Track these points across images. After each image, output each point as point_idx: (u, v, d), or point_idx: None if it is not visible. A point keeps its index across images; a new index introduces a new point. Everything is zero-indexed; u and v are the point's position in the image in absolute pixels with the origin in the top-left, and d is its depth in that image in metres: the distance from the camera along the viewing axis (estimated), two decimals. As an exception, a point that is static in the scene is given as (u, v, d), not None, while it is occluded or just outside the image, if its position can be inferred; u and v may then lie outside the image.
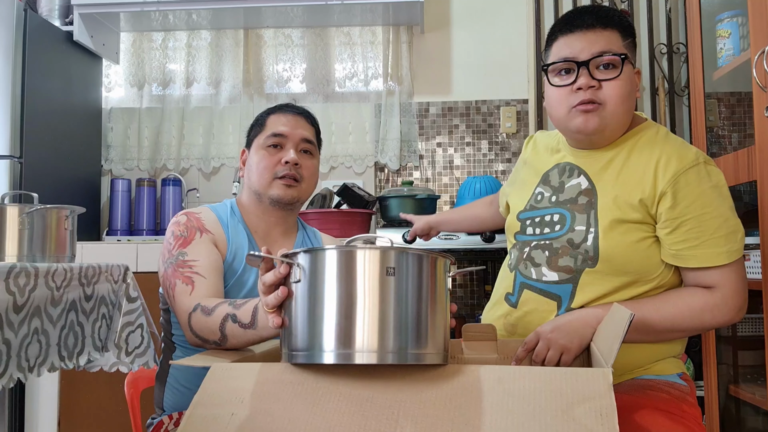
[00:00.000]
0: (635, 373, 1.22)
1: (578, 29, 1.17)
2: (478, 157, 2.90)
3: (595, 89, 1.16)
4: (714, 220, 1.14)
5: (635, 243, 1.17)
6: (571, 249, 1.21)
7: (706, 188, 1.14)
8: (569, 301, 1.21)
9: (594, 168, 1.25)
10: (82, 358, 1.07)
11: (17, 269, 0.88)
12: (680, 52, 2.78)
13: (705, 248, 1.13)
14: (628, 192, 1.18)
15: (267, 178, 1.36)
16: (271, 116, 1.41)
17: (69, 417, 2.28)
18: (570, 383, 0.78)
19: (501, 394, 0.78)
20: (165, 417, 1.31)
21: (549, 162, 1.35)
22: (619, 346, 0.84)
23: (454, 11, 2.94)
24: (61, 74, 2.65)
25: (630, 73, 1.19)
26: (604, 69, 1.16)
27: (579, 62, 1.16)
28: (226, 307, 1.10)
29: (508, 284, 1.32)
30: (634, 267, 1.18)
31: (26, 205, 1.19)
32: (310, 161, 1.41)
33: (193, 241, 1.27)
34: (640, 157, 1.20)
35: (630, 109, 1.21)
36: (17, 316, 0.88)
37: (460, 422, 0.76)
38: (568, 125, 1.21)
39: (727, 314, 1.14)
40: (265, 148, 1.37)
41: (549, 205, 1.28)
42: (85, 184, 2.83)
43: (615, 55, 1.15)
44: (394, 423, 0.77)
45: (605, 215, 1.19)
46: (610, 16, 1.19)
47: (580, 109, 1.17)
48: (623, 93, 1.16)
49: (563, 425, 0.73)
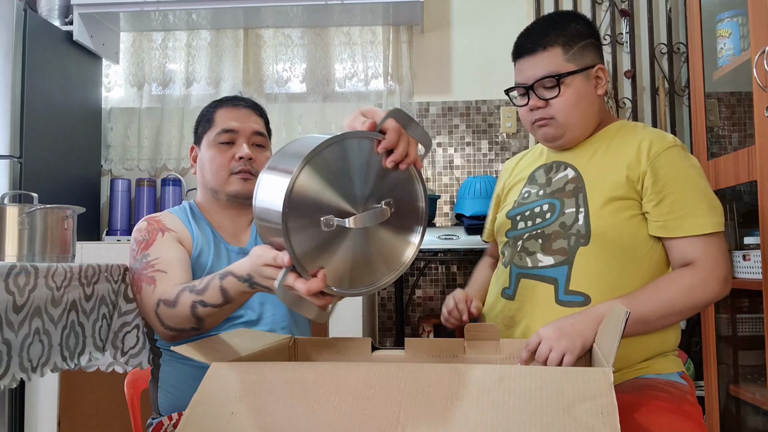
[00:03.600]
0: (635, 371, 1.22)
1: (524, 55, 1.33)
2: (478, 157, 2.91)
3: (544, 108, 1.30)
4: (696, 194, 1.22)
5: (625, 220, 1.24)
6: (564, 232, 1.26)
7: (686, 166, 1.24)
8: (566, 282, 1.23)
9: (580, 161, 1.33)
10: (83, 358, 1.07)
11: (17, 269, 0.88)
12: (680, 52, 2.78)
13: (690, 218, 1.20)
14: (614, 171, 1.26)
15: (222, 176, 1.36)
16: (219, 111, 1.40)
17: (69, 417, 2.28)
18: (571, 382, 0.78)
19: (502, 393, 0.78)
20: (164, 418, 1.31)
21: (530, 165, 1.44)
22: (618, 344, 0.84)
23: (454, 11, 2.94)
24: (60, 74, 2.65)
25: (575, 82, 1.29)
26: (548, 89, 1.29)
27: (527, 87, 1.31)
28: (187, 294, 1.11)
29: (504, 280, 1.34)
30: (625, 242, 1.23)
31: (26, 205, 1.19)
32: (263, 154, 1.40)
33: (155, 242, 1.28)
34: (623, 141, 1.31)
35: (584, 110, 1.31)
36: (17, 316, 0.88)
37: (461, 421, 0.76)
38: (535, 135, 1.37)
39: (715, 287, 1.18)
40: (217, 145, 1.37)
41: (537, 198, 1.35)
42: (84, 184, 2.83)
43: (551, 77, 1.28)
44: (395, 422, 0.77)
45: (594, 195, 1.26)
46: (549, 34, 1.29)
47: (537, 124, 1.33)
48: (569, 104, 1.29)
49: (564, 424, 0.73)
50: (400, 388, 0.82)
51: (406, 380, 0.83)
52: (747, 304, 2.10)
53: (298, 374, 0.86)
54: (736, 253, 1.99)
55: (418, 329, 2.68)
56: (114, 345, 1.17)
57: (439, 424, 0.76)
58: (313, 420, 0.79)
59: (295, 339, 1.23)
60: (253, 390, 0.85)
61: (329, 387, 0.83)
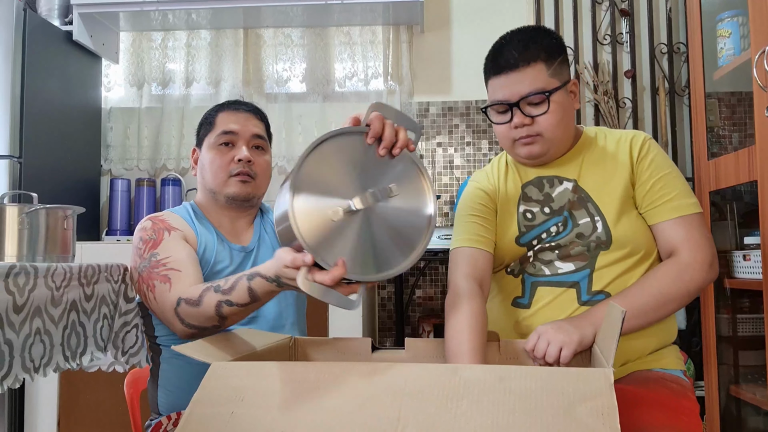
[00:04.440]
0: (642, 363, 1.25)
1: (504, 71, 1.25)
2: (479, 157, 2.90)
3: (530, 125, 1.25)
4: (678, 178, 1.28)
5: (636, 219, 1.27)
6: (582, 241, 1.27)
7: (663, 155, 1.31)
8: (588, 284, 1.25)
9: (572, 173, 1.32)
10: (85, 358, 1.07)
11: (17, 269, 0.88)
12: (681, 52, 2.78)
13: (679, 199, 1.25)
14: (614, 177, 1.28)
15: (222, 177, 1.37)
16: (220, 114, 1.42)
17: (69, 417, 2.28)
18: (571, 382, 0.78)
19: (502, 393, 0.78)
20: (163, 418, 1.31)
21: (516, 184, 1.36)
22: (617, 344, 0.86)
23: (454, 11, 2.94)
24: (60, 74, 2.65)
25: (560, 98, 1.26)
26: (534, 105, 1.25)
27: (511, 104, 1.25)
28: (212, 294, 1.12)
29: (514, 289, 1.32)
30: (642, 242, 1.26)
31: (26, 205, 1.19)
32: (263, 157, 1.42)
33: (163, 241, 1.28)
34: (605, 147, 1.33)
35: (568, 125, 1.30)
36: (17, 316, 0.88)
37: (461, 421, 0.75)
38: (517, 153, 1.31)
39: (701, 272, 1.21)
40: (217, 147, 1.38)
41: (545, 217, 1.31)
42: (84, 183, 2.83)
43: (540, 93, 1.23)
44: (395, 422, 0.77)
45: (604, 202, 1.27)
46: (530, 49, 1.24)
47: (521, 142, 1.28)
48: (556, 121, 1.25)
49: (564, 424, 0.73)
50: (400, 388, 0.82)
51: (406, 380, 0.83)
52: (747, 304, 2.10)
53: (298, 374, 0.86)
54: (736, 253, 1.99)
55: (418, 329, 2.68)
56: (115, 345, 1.17)
57: (439, 424, 0.76)
58: (313, 420, 0.79)
59: (295, 339, 1.23)
60: (253, 389, 0.84)
61: (329, 387, 0.83)
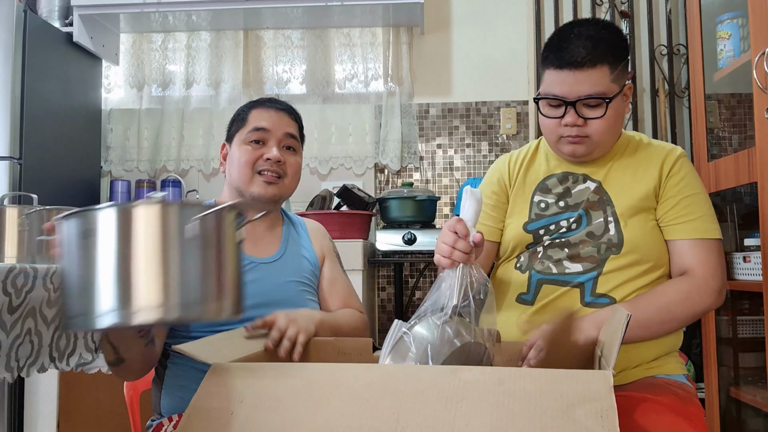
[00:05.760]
0: (646, 370, 1.24)
1: (568, 66, 1.20)
2: (478, 158, 2.90)
3: (582, 126, 1.24)
4: (705, 201, 1.28)
5: (651, 229, 1.27)
6: (593, 241, 1.27)
7: (695, 175, 1.31)
8: (593, 286, 1.25)
9: (598, 174, 1.32)
10: (72, 360, 1.06)
11: (16, 270, 0.88)
12: (680, 54, 2.78)
13: (702, 222, 1.25)
14: (638, 184, 1.28)
15: (248, 174, 1.34)
16: (253, 111, 1.39)
17: (68, 418, 2.28)
18: (571, 384, 0.78)
19: (502, 394, 0.78)
20: (165, 419, 1.30)
21: (538, 173, 1.37)
22: (619, 346, 0.85)
23: (454, 12, 2.94)
24: (60, 75, 2.65)
25: (617, 104, 1.25)
26: (591, 107, 1.23)
27: (567, 102, 1.22)
28: None
29: (520, 285, 1.32)
30: (653, 252, 1.26)
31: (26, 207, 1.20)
32: (293, 157, 1.39)
33: None
34: (636, 155, 1.32)
35: (617, 130, 1.30)
36: (11, 316, 0.88)
37: (460, 423, 0.75)
38: (560, 149, 1.30)
39: (711, 296, 1.21)
40: (248, 143, 1.36)
41: (558, 210, 1.31)
42: (84, 185, 2.83)
43: (600, 98, 1.21)
44: (395, 423, 0.77)
45: (622, 206, 1.27)
46: (601, 49, 1.20)
47: (567, 140, 1.26)
48: (608, 126, 1.24)
49: (564, 426, 0.73)
50: (401, 389, 0.82)
51: (406, 381, 0.83)
52: (747, 305, 2.10)
53: (298, 375, 0.86)
54: (736, 254, 1.99)
55: (418, 331, 2.67)
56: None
57: (439, 425, 0.76)
58: (313, 420, 0.79)
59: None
60: (253, 390, 0.84)
61: (330, 387, 0.83)
